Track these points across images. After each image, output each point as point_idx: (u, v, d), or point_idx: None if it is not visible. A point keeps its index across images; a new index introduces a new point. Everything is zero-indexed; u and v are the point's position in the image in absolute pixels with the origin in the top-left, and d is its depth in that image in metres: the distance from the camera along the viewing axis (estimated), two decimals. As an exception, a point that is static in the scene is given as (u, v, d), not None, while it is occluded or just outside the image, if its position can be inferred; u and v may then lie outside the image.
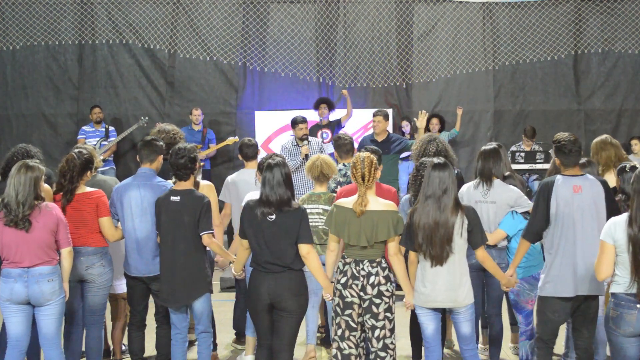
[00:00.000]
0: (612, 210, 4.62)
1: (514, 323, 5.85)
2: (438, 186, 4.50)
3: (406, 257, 4.71)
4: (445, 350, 5.79)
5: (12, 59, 10.76)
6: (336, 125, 9.56)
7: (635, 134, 10.62)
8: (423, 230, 4.48)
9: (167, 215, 4.88)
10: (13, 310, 4.57)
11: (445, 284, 4.50)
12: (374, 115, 8.16)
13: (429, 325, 4.64)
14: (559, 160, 4.73)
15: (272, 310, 4.59)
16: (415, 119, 8.68)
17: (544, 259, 4.85)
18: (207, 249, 5.05)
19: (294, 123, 8.09)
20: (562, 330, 4.95)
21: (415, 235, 4.51)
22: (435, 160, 4.63)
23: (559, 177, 4.65)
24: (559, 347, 5.30)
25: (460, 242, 4.50)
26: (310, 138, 8.11)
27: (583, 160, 5.28)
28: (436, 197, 4.49)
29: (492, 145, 5.41)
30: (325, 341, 6.11)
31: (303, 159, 7.74)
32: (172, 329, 5.09)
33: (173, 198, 4.88)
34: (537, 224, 4.64)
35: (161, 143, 5.36)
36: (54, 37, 10.65)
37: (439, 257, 4.47)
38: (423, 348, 5.61)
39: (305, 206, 5.47)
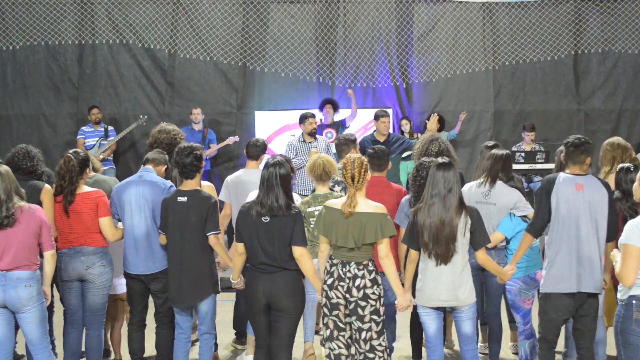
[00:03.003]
0: (611, 215, 4.65)
1: (513, 322, 5.85)
2: (443, 186, 4.50)
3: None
4: (445, 350, 5.79)
5: (12, 59, 10.76)
6: (340, 125, 9.58)
7: (635, 134, 10.63)
8: (429, 229, 4.48)
9: (174, 216, 4.87)
10: None
11: (448, 283, 4.51)
12: (383, 116, 8.20)
13: (431, 324, 4.64)
14: (564, 156, 4.76)
15: (269, 311, 4.59)
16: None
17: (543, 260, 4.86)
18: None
19: (303, 118, 8.16)
20: (562, 329, 4.95)
21: (421, 234, 4.51)
22: (440, 160, 4.63)
23: (561, 174, 4.68)
24: (559, 346, 5.30)
25: (463, 241, 4.51)
26: (317, 136, 8.14)
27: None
28: (441, 196, 4.49)
29: (504, 151, 5.44)
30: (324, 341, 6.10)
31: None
32: (176, 328, 5.09)
33: (180, 199, 4.88)
34: (541, 219, 4.68)
35: (166, 157, 5.42)
36: (54, 37, 10.66)
37: (444, 256, 4.48)
38: (424, 348, 5.63)
39: (312, 208, 5.44)
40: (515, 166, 8.84)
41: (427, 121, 8.44)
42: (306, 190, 7.72)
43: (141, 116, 10.32)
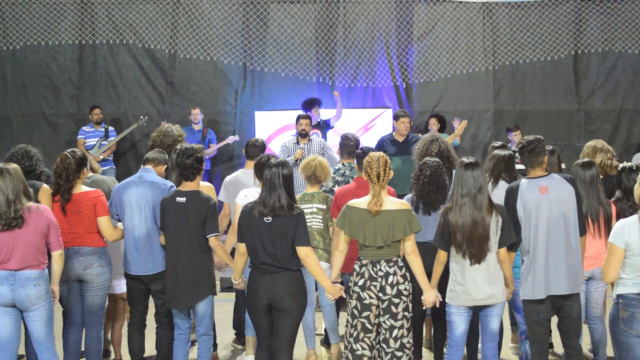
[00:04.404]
0: (579, 209, 4.65)
1: (514, 323, 5.85)
2: (473, 185, 4.52)
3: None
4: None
5: (12, 59, 10.75)
6: (325, 124, 9.55)
7: (635, 134, 10.61)
8: (462, 229, 4.50)
9: (172, 216, 4.87)
10: (0, 312, 4.53)
11: (484, 282, 4.55)
12: (402, 116, 8.14)
13: (461, 324, 4.67)
14: (522, 163, 4.77)
15: (270, 311, 4.59)
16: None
17: None
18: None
19: (297, 119, 8.17)
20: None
21: (453, 235, 4.53)
22: (466, 159, 4.65)
23: (523, 180, 4.68)
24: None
25: (495, 240, 4.55)
26: (312, 137, 8.13)
27: (585, 160, 5.31)
28: (472, 196, 4.51)
29: (507, 151, 5.44)
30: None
31: (295, 161, 7.75)
32: (175, 329, 5.09)
33: (179, 199, 4.87)
34: (516, 233, 4.65)
35: (166, 156, 5.42)
36: (54, 37, 10.65)
37: (477, 256, 4.51)
38: (423, 348, 5.63)
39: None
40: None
41: (429, 122, 8.47)
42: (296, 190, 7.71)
43: (142, 117, 10.32)
